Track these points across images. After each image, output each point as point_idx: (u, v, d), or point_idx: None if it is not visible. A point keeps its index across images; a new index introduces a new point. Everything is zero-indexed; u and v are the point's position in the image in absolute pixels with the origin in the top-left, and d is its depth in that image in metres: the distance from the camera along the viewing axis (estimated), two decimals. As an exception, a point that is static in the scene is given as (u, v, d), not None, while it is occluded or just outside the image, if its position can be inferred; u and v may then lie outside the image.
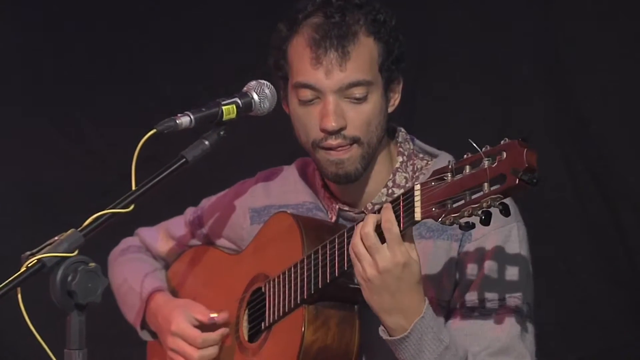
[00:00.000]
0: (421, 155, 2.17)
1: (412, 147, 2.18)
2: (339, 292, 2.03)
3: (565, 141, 3.23)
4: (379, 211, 1.90)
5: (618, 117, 3.18)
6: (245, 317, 2.20)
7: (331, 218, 2.16)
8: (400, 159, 2.15)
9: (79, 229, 1.80)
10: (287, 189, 2.27)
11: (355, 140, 2.04)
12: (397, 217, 1.84)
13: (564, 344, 3.09)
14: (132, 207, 1.87)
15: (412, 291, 1.85)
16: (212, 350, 2.19)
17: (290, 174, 2.30)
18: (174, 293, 2.39)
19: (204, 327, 2.21)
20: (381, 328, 1.91)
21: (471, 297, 2.00)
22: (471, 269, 2.01)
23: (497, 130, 3.15)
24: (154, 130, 1.91)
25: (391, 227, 1.81)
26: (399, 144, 2.17)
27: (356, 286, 1.99)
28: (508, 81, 3.27)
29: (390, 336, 1.89)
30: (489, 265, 1.99)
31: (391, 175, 2.13)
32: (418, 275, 1.85)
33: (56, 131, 3.58)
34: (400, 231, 1.83)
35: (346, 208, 2.15)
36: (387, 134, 2.15)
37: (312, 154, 2.10)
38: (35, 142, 3.57)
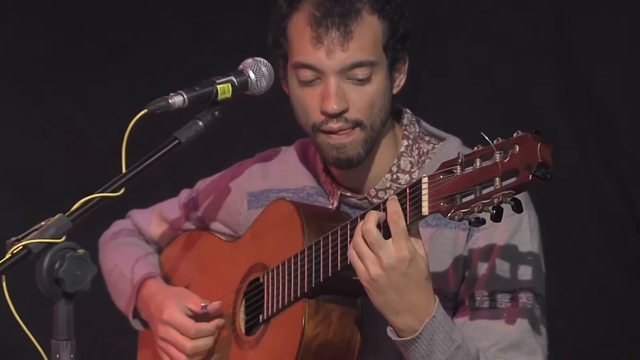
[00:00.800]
0: (427, 139, 2.13)
1: (417, 129, 2.14)
2: (341, 285, 1.99)
3: (578, 122, 3.19)
4: (379, 207, 1.85)
5: (632, 99, 3.14)
6: (242, 308, 2.17)
7: (332, 204, 2.13)
8: (405, 142, 2.11)
9: (67, 213, 1.77)
10: (286, 173, 2.23)
11: (357, 124, 2.00)
12: (404, 211, 1.79)
13: (574, 333, 3.05)
14: (122, 190, 1.83)
15: (420, 289, 1.79)
16: (206, 342, 2.16)
17: (289, 156, 2.26)
18: (166, 279, 2.36)
19: (198, 317, 2.17)
20: (389, 329, 1.87)
21: (480, 290, 1.96)
22: (480, 260, 1.97)
23: (507, 112, 3.12)
24: (145, 111, 1.87)
25: (398, 219, 1.76)
26: (404, 127, 2.13)
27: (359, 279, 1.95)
28: (518, 60, 3.23)
29: (399, 337, 1.85)
30: (499, 256, 1.95)
31: (395, 160, 2.09)
32: (426, 272, 1.80)
33: (41, 112, 3.55)
34: (407, 225, 1.79)
35: (348, 194, 2.11)
36: (391, 116, 2.11)
37: (312, 137, 2.06)
38: (20, 125, 3.55)
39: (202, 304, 2.16)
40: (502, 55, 3.24)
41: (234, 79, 1.97)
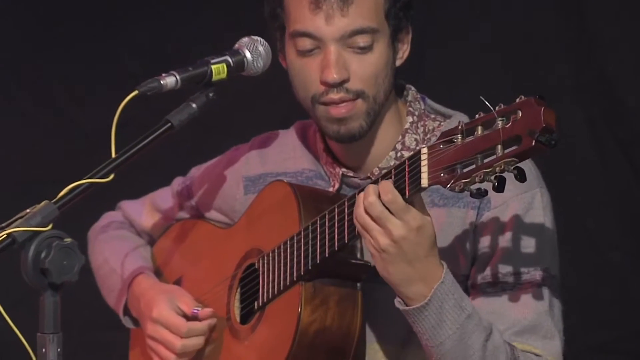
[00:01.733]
0: (433, 116, 2.10)
1: (423, 107, 2.10)
2: (340, 268, 1.95)
3: (589, 103, 3.16)
4: (378, 180, 1.82)
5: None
6: (237, 296, 2.12)
7: (333, 185, 2.10)
8: (410, 119, 2.08)
9: (53, 200, 1.74)
10: (284, 156, 2.20)
11: (359, 95, 1.97)
12: (402, 184, 1.76)
13: (587, 325, 3.03)
14: (111, 176, 1.80)
15: (429, 256, 1.77)
16: (197, 341, 2.12)
17: (288, 138, 2.23)
18: (159, 272, 2.32)
19: (189, 317, 2.14)
20: (397, 299, 1.84)
21: (492, 272, 1.92)
22: (491, 240, 1.93)
23: (516, 90, 3.07)
24: (136, 92, 1.84)
25: (394, 198, 1.73)
26: (408, 103, 2.10)
27: (359, 261, 1.93)
28: (529, 38, 3.19)
29: (407, 306, 1.81)
30: (511, 236, 1.92)
31: (400, 137, 2.06)
32: (434, 237, 1.77)
33: (25, 93, 3.51)
34: (406, 199, 1.76)
35: (350, 174, 2.07)
36: (394, 92, 2.07)
37: (311, 111, 2.02)
38: (3, 107, 3.50)
39: (194, 309, 2.13)
40: (511, 32, 3.20)
41: (230, 59, 1.93)
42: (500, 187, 1.62)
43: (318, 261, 1.91)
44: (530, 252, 1.91)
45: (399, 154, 2.02)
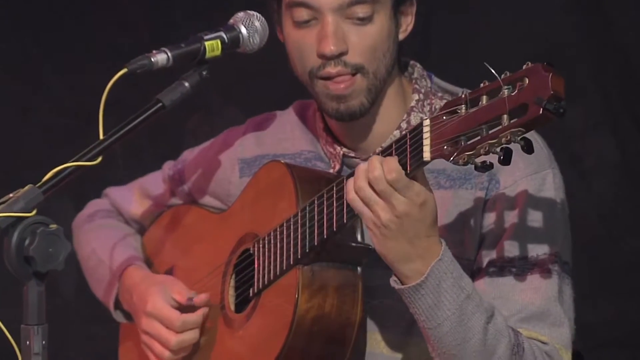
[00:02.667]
0: (440, 94, 2.05)
1: (429, 84, 2.06)
2: (339, 251, 1.90)
3: (605, 79, 3.11)
4: (382, 153, 1.78)
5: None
6: (232, 283, 2.07)
7: (334, 167, 2.05)
8: (416, 96, 2.03)
9: (38, 184, 1.70)
10: (282, 137, 2.15)
11: (358, 69, 1.92)
12: (404, 158, 1.72)
13: (603, 317, 3.00)
14: (99, 159, 1.76)
15: (430, 234, 1.73)
16: (193, 335, 2.06)
17: (286, 119, 2.18)
18: (149, 262, 2.27)
19: (184, 307, 2.08)
20: (393, 278, 1.79)
21: (499, 254, 1.87)
22: (499, 222, 1.88)
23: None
24: (125, 70, 1.81)
25: (398, 177, 1.68)
26: (414, 81, 2.05)
27: (359, 244, 1.89)
28: (542, 14, 3.15)
29: (403, 285, 1.76)
30: (520, 217, 1.87)
31: (405, 116, 2.01)
32: (436, 213, 1.73)
33: (7, 71, 3.44)
34: (407, 174, 1.71)
35: (352, 154, 2.03)
36: (399, 69, 2.03)
37: (310, 87, 1.98)
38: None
39: (188, 296, 2.07)
40: (522, 4, 3.15)
41: (224, 35, 1.89)
42: (506, 159, 1.58)
43: (316, 243, 1.86)
44: (540, 236, 1.86)
45: (404, 134, 1.97)
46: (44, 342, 1.64)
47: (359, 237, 1.89)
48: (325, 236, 1.85)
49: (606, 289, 3.02)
